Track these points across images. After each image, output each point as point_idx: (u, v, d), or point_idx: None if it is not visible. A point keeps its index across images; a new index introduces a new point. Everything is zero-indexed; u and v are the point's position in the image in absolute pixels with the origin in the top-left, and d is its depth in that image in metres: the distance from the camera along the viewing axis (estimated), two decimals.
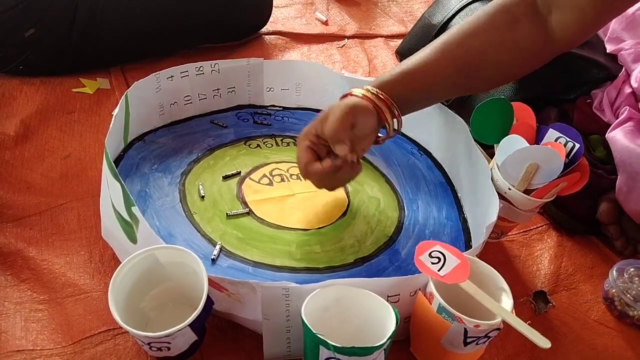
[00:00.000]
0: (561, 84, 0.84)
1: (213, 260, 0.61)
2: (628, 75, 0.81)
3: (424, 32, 0.99)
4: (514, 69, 0.67)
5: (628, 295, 0.66)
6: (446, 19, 0.96)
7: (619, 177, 0.72)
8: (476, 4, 0.94)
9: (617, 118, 0.78)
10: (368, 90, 0.63)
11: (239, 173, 0.64)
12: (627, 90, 0.79)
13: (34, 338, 0.56)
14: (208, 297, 0.51)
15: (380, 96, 0.62)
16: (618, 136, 0.73)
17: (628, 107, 0.76)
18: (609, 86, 0.82)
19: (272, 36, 1.08)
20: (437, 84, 0.65)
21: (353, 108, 0.61)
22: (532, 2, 0.64)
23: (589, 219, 0.76)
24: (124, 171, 0.69)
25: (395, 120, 0.64)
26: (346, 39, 1.13)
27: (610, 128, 0.76)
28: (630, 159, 0.70)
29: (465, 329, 0.51)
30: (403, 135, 0.85)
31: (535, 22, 0.64)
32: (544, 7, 0.64)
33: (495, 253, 0.72)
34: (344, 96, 0.64)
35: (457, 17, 0.95)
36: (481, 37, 0.64)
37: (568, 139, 0.66)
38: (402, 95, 0.64)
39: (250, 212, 0.65)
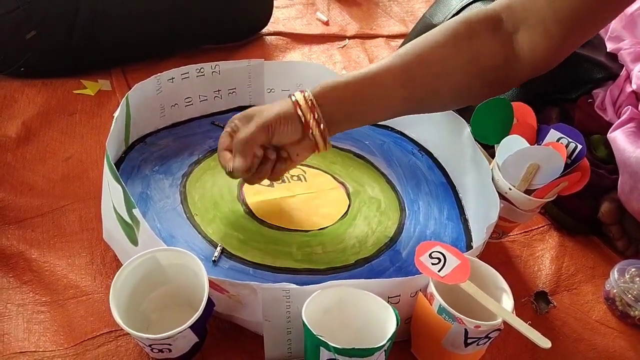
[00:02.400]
0: (562, 84, 0.84)
1: (214, 261, 0.61)
2: (629, 74, 0.81)
3: (425, 32, 0.99)
4: (473, 86, 0.64)
5: (629, 296, 0.66)
6: (447, 18, 0.96)
7: (620, 176, 0.72)
8: (477, 4, 0.94)
9: (619, 117, 0.78)
10: (304, 97, 0.60)
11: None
12: (629, 89, 0.79)
13: (36, 340, 0.56)
14: (209, 299, 0.51)
15: (311, 103, 0.59)
16: (619, 137, 0.73)
17: (630, 107, 0.76)
18: (612, 85, 0.82)
19: (272, 37, 1.08)
20: (383, 95, 0.61)
21: (273, 120, 0.59)
22: (496, 19, 0.63)
23: (591, 219, 0.76)
24: (125, 173, 0.70)
25: (320, 133, 0.60)
26: (347, 39, 1.13)
27: (612, 128, 0.76)
28: (631, 160, 0.70)
29: (465, 329, 0.51)
30: (403, 135, 0.85)
31: (497, 39, 0.62)
32: (509, 24, 0.63)
33: (497, 253, 0.72)
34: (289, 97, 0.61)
35: None
36: (437, 50, 0.62)
37: (570, 140, 0.66)
38: (340, 103, 0.60)
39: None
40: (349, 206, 0.71)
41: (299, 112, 0.59)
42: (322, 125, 0.60)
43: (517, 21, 0.63)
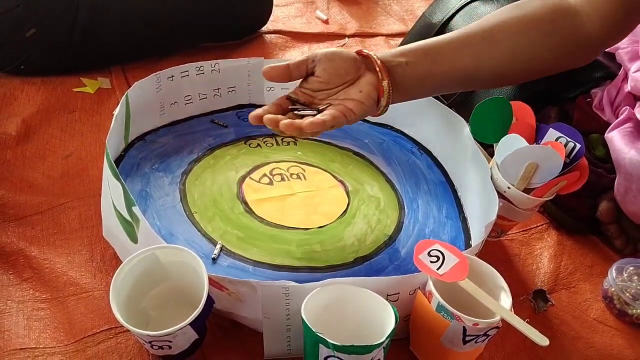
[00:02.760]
0: (561, 83, 0.84)
1: (214, 259, 0.61)
2: (627, 74, 0.81)
3: (424, 31, 0.99)
4: (535, 51, 0.63)
5: (627, 294, 0.66)
6: (446, 18, 0.96)
7: (617, 177, 0.72)
8: (476, 3, 0.94)
9: (617, 117, 0.78)
10: (376, 55, 0.61)
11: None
12: (627, 89, 0.80)
13: (37, 336, 0.56)
14: (208, 296, 0.51)
15: (374, 56, 0.61)
16: (616, 137, 0.73)
17: (628, 107, 0.76)
18: (609, 85, 0.82)
19: (272, 35, 1.09)
20: (448, 59, 0.62)
21: (321, 53, 0.60)
22: None
23: (589, 218, 0.76)
24: (124, 171, 0.70)
25: (385, 81, 0.59)
26: (347, 38, 1.13)
27: (610, 128, 0.76)
28: (625, 161, 0.70)
29: (464, 327, 0.51)
30: (403, 134, 0.85)
31: (550, 5, 0.63)
32: None
33: (495, 252, 0.73)
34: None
35: (457, 16, 0.95)
36: (495, 19, 0.63)
37: (569, 139, 0.66)
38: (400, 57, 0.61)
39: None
40: (348, 204, 0.72)
41: (371, 58, 0.60)
42: (390, 81, 0.60)
43: None
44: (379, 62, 0.60)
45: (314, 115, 0.58)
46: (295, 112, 0.60)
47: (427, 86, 0.64)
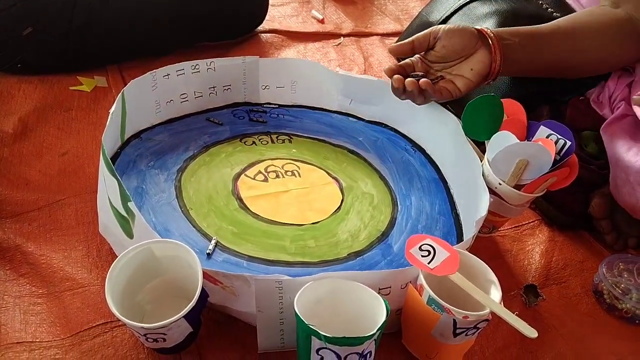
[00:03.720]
0: (555, 86, 0.85)
1: (208, 254, 0.62)
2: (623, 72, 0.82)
3: (421, 30, 0.99)
4: (610, 43, 0.74)
5: (617, 289, 0.67)
6: (444, 17, 0.96)
7: (612, 170, 0.73)
8: (475, 4, 0.95)
9: (613, 112, 0.79)
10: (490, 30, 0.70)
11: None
12: (624, 83, 0.80)
13: (33, 331, 0.57)
14: (203, 289, 0.52)
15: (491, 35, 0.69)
16: (614, 131, 0.74)
17: (624, 103, 0.77)
18: (609, 80, 0.82)
19: (268, 34, 1.09)
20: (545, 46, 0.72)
21: (442, 28, 0.70)
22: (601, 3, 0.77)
23: (581, 214, 0.77)
24: (120, 168, 0.70)
25: (498, 60, 0.69)
26: (342, 37, 1.14)
27: (606, 122, 0.76)
28: (624, 154, 0.71)
29: (454, 320, 0.52)
30: (396, 131, 0.86)
31: (603, 7, 0.75)
32: (611, 3, 0.77)
33: (487, 247, 0.73)
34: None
35: (455, 16, 0.95)
36: (580, 26, 0.74)
37: (559, 137, 0.67)
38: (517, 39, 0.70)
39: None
40: (342, 201, 0.72)
41: (488, 36, 0.69)
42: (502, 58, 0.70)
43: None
44: (495, 41, 0.68)
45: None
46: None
47: (530, 66, 0.74)
